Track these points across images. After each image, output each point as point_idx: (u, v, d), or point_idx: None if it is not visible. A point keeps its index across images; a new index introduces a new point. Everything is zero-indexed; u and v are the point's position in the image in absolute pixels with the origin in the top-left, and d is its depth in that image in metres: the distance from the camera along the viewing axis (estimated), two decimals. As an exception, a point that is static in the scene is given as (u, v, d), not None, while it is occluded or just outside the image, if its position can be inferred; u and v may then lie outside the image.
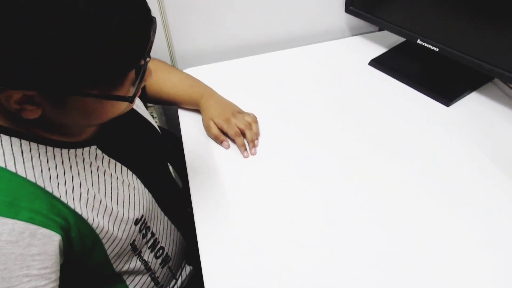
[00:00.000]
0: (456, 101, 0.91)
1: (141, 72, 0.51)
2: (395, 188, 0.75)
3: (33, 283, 0.49)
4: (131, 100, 0.51)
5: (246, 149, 0.83)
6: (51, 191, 0.53)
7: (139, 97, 0.90)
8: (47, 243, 0.51)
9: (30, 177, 0.52)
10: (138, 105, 0.77)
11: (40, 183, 0.53)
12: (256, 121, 0.87)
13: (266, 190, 0.76)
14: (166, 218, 0.77)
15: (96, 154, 0.61)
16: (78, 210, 0.56)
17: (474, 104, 0.91)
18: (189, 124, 0.91)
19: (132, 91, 0.52)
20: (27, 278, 0.48)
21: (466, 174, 0.76)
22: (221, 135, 0.84)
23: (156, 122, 0.86)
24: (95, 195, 0.59)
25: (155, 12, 0.99)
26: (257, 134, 0.85)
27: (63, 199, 0.54)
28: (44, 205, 0.52)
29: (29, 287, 0.48)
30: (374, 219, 0.70)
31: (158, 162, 0.81)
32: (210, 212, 0.73)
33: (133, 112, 0.74)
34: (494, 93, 0.92)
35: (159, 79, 0.91)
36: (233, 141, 0.84)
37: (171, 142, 1.08)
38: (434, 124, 0.87)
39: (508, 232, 0.67)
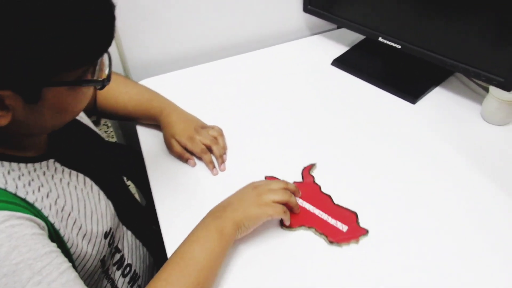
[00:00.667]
0: (421, 98, 0.90)
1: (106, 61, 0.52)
2: (365, 188, 0.74)
3: (61, 258, 0.48)
4: (107, 81, 0.53)
5: (214, 166, 0.78)
6: (23, 197, 0.50)
7: (89, 110, 0.85)
8: (41, 227, 0.49)
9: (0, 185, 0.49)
10: (82, 116, 0.72)
11: (11, 189, 0.49)
12: (222, 134, 0.82)
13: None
14: (129, 232, 0.74)
15: (55, 168, 0.58)
16: (50, 219, 0.52)
17: (438, 99, 0.90)
18: (150, 140, 0.86)
19: (101, 74, 0.52)
20: (55, 253, 0.48)
21: (438, 170, 0.76)
22: (184, 153, 0.79)
23: (112, 137, 0.81)
24: (63, 206, 0.55)
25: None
26: (224, 148, 0.81)
27: (36, 205, 0.51)
28: (23, 208, 0.49)
29: (60, 261, 0.48)
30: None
31: (115, 174, 0.77)
32: (179, 230, 0.67)
33: (78, 122, 0.70)
34: (456, 87, 0.93)
35: (115, 92, 0.85)
36: (200, 158, 0.79)
37: (130, 156, 1.02)
38: (401, 122, 0.86)
39: (476, 226, 0.67)
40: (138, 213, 0.85)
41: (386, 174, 0.76)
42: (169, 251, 0.66)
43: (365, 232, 0.67)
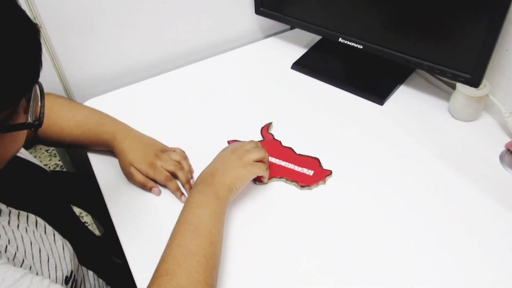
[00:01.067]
0: (388, 98, 0.88)
1: (38, 92, 0.46)
2: (336, 191, 0.72)
3: (38, 277, 0.46)
4: (38, 124, 0.46)
5: (182, 193, 0.71)
6: None
7: (30, 140, 0.76)
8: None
9: None
10: (21, 151, 0.64)
11: None
12: (185, 157, 0.75)
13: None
14: (91, 273, 0.67)
15: (1, 210, 0.51)
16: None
17: (404, 98, 0.89)
18: (104, 168, 0.78)
19: (30, 116, 0.45)
20: (29, 274, 0.45)
21: (410, 169, 0.75)
22: (147, 182, 0.72)
23: (58, 165, 0.73)
24: (15, 254, 0.49)
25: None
26: (190, 172, 0.74)
27: None
28: None
29: (39, 279, 0.45)
30: (337, 235, 0.66)
31: (64, 210, 0.70)
32: (147, 260, 0.61)
33: (18, 158, 0.62)
34: (420, 84, 0.91)
35: (58, 118, 0.76)
36: (165, 186, 0.72)
37: (79, 185, 0.93)
38: (370, 124, 0.83)
39: (448, 225, 0.66)
40: (97, 248, 0.77)
41: (356, 175, 0.73)
42: (139, 282, 0.61)
43: (329, 172, 0.74)
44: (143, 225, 0.68)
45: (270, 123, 0.83)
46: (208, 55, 1.03)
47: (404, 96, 0.89)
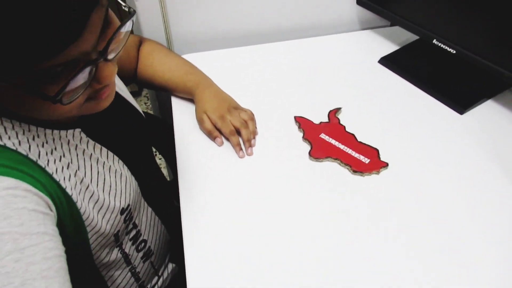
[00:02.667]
0: (470, 109, 0.85)
1: (84, 74, 0.43)
2: (388, 184, 0.71)
3: (54, 243, 0.43)
4: (52, 99, 0.41)
5: (241, 149, 0.76)
6: (43, 166, 0.48)
7: (129, 78, 0.85)
8: (47, 206, 0.46)
9: (21, 151, 0.47)
10: (121, 88, 0.71)
11: (32, 157, 0.47)
12: (253, 119, 0.80)
13: (259, 190, 0.71)
14: (150, 209, 0.73)
15: (81, 138, 0.56)
16: (68, 190, 0.51)
17: (488, 113, 0.84)
18: (183, 114, 0.85)
19: (62, 91, 0.41)
20: (48, 236, 0.43)
21: (477, 187, 0.71)
22: (214, 131, 0.78)
23: (149, 107, 0.80)
24: (82, 178, 0.54)
25: (152, -8, 0.92)
26: (253, 133, 0.79)
27: (55, 176, 0.49)
28: (41, 177, 0.47)
29: (51, 246, 0.43)
30: (378, 224, 0.65)
31: (143, 150, 0.76)
32: (198, 208, 0.68)
33: (117, 95, 0.68)
34: (510, 102, 0.86)
35: (154, 61, 0.85)
36: (228, 139, 0.78)
37: (163, 130, 1.02)
38: (445, 131, 0.81)
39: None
40: (162, 189, 0.84)
41: (421, 180, 0.72)
42: (185, 227, 0.65)
43: (385, 164, 0.74)
44: (202, 172, 0.74)
45: (339, 108, 0.85)
46: (302, 36, 1.07)
47: (489, 111, 0.84)
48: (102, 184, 0.58)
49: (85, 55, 0.42)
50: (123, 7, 0.48)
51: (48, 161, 0.49)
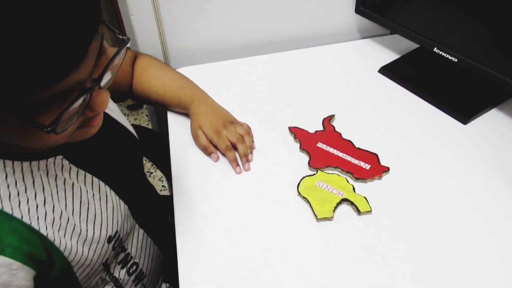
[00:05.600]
0: (474, 119, 0.82)
1: (79, 103, 0.41)
2: (391, 189, 0.70)
3: None
4: (47, 130, 0.39)
5: (238, 165, 0.74)
6: (10, 212, 0.46)
7: (124, 93, 0.84)
8: (18, 275, 0.45)
9: None
10: (111, 108, 0.68)
11: (6, 207, 0.46)
12: (249, 133, 0.78)
13: (257, 207, 0.69)
14: (142, 231, 0.71)
15: (62, 165, 0.54)
16: (43, 231, 0.49)
17: (492, 122, 0.82)
18: (178, 129, 0.84)
19: (51, 119, 0.39)
20: None
21: (471, 193, 0.69)
22: (210, 146, 0.76)
23: (147, 123, 0.79)
24: (61, 212, 0.52)
25: (147, 6, 0.91)
26: (250, 148, 0.77)
27: (25, 219, 0.47)
28: (8, 235, 0.45)
29: None
30: (385, 230, 0.64)
31: (133, 171, 0.74)
32: (193, 225, 0.66)
33: (105, 115, 0.66)
34: (515, 111, 0.84)
35: (149, 76, 0.83)
36: (224, 155, 0.76)
37: (160, 145, 1.00)
38: (448, 142, 0.78)
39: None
40: (154, 209, 0.82)
41: (424, 190, 0.69)
42: (180, 244, 0.64)
43: (386, 169, 0.73)
44: (197, 188, 0.72)
45: (333, 116, 0.84)
46: (300, 46, 1.05)
47: (493, 121, 0.82)
48: (86, 214, 0.55)
49: (80, 84, 0.40)
50: (117, 35, 0.47)
51: (19, 202, 0.47)
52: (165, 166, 0.99)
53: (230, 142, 0.75)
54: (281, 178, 0.73)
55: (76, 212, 0.54)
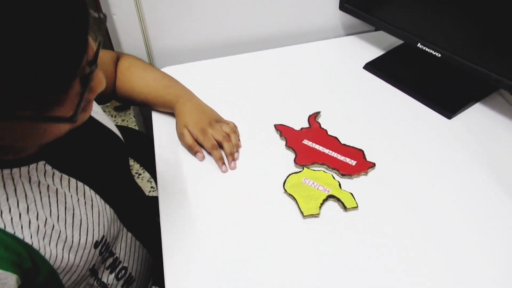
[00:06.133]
0: (458, 113, 0.82)
1: (86, 83, 0.41)
2: (377, 184, 0.70)
3: None
4: (71, 120, 0.41)
5: (224, 163, 0.74)
6: None
7: (107, 94, 0.82)
8: (7, 284, 0.44)
9: None
10: (95, 109, 0.67)
11: None
12: (235, 131, 0.78)
13: (244, 205, 0.68)
14: (130, 234, 0.70)
15: (45, 171, 0.52)
16: (27, 240, 0.48)
17: (477, 116, 0.82)
18: (163, 129, 0.83)
19: (73, 108, 0.41)
20: None
21: (468, 191, 0.69)
22: (195, 145, 0.75)
23: (135, 124, 0.77)
24: (46, 219, 0.50)
25: (130, 5, 0.90)
26: (236, 146, 0.76)
27: (8, 229, 0.46)
28: None
29: None
30: (373, 225, 0.64)
31: (119, 174, 0.73)
32: (179, 225, 0.65)
33: (89, 118, 0.64)
34: (498, 104, 0.84)
35: (132, 76, 0.82)
36: (210, 153, 0.75)
37: (146, 146, 0.99)
38: (433, 137, 0.79)
39: (507, 249, 0.61)
40: (142, 211, 0.81)
41: (410, 187, 0.69)
42: (165, 245, 0.63)
43: (372, 165, 0.73)
44: (182, 187, 0.71)
45: (318, 112, 0.84)
46: (285, 44, 1.05)
47: (477, 115, 0.83)
48: (71, 220, 0.54)
49: (82, 70, 0.40)
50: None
51: (1, 212, 0.46)
52: (152, 167, 0.98)
53: (216, 141, 0.74)
54: (267, 176, 0.72)
55: (61, 219, 0.53)
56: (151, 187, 1.81)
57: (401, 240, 0.62)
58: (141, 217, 0.78)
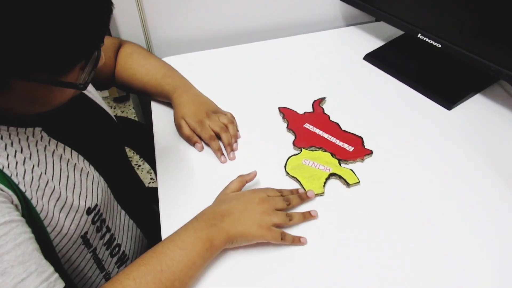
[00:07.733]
0: (458, 104, 0.82)
1: (95, 57, 0.48)
2: (372, 171, 0.71)
3: (21, 228, 0.45)
4: (82, 87, 0.48)
5: (223, 154, 0.74)
6: None
7: (107, 81, 0.84)
8: (7, 196, 0.46)
9: None
10: (90, 90, 0.68)
11: None
12: (233, 122, 0.78)
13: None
14: (123, 212, 0.71)
15: (42, 136, 0.54)
16: (22, 187, 0.49)
17: (476, 106, 0.82)
18: (162, 119, 0.83)
19: (82, 77, 0.48)
20: (15, 223, 0.44)
21: (467, 183, 0.69)
22: (193, 136, 0.75)
23: (134, 115, 0.78)
24: (41, 174, 0.52)
25: (128, -7, 0.89)
26: (234, 136, 0.76)
27: (5, 171, 0.48)
28: None
29: (19, 231, 0.44)
30: (364, 211, 0.65)
31: (114, 152, 0.74)
32: (177, 213, 0.65)
33: (83, 96, 0.66)
34: (498, 96, 0.84)
35: (133, 63, 0.82)
36: (208, 145, 0.75)
37: (144, 133, 0.99)
38: (433, 128, 0.79)
39: (507, 239, 0.61)
40: (137, 192, 0.82)
41: (410, 177, 0.69)
42: (164, 233, 0.63)
43: (369, 152, 0.73)
44: (181, 178, 0.71)
45: (324, 98, 0.84)
46: (285, 34, 1.04)
47: (477, 105, 0.82)
48: (65, 181, 0.55)
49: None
50: None
51: None
52: (151, 158, 0.98)
53: (213, 132, 0.74)
54: (268, 160, 0.73)
55: (56, 177, 0.54)
56: (151, 178, 1.81)
57: (399, 233, 0.62)
58: (135, 198, 0.78)
